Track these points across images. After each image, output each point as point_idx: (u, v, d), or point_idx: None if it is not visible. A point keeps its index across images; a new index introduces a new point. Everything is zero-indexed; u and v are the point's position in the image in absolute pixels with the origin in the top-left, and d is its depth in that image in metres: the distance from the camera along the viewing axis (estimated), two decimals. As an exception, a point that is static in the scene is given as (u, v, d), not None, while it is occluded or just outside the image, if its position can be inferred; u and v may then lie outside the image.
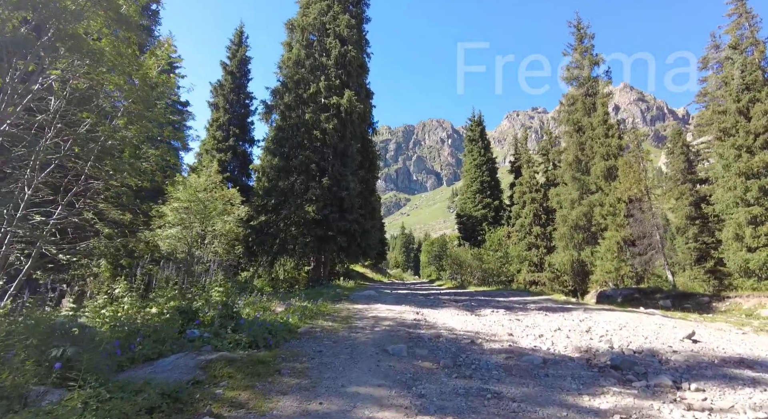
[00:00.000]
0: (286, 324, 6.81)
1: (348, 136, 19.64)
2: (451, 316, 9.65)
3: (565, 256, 30.61)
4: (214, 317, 6.00)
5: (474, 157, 47.08)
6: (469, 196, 45.80)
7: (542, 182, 40.54)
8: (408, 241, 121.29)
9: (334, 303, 11.19)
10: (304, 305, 9.26)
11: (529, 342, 6.95)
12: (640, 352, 6.28)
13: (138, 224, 9.78)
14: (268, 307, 8.85)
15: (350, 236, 18.35)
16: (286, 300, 10.09)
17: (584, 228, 30.09)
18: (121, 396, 3.08)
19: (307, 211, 17.63)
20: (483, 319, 9.49)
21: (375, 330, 7.37)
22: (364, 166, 22.39)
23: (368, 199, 22.03)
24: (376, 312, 9.73)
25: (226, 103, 32.66)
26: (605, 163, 28.51)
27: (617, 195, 27.06)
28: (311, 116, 19.02)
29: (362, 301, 12.11)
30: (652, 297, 21.48)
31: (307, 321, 7.87)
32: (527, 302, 15.33)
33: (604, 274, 26.89)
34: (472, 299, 15.95)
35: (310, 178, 18.31)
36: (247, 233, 19.22)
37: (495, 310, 11.37)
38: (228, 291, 8.90)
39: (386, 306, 11.17)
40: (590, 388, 4.42)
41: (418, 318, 8.95)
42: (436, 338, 6.79)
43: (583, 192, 30.50)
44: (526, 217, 38.00)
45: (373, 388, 4.15)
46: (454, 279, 36.18)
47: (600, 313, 12.05)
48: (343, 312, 9.62)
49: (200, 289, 8.69)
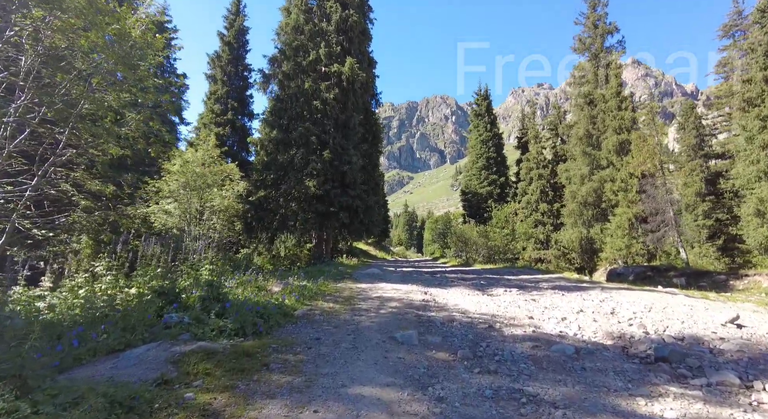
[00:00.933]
0: (281, 307, 6.07)
1: (350, 107, 18.60)
2: (462, 296, 8.93)
3: (573, 233, 29.88)
4: (197, 299, 5.25)
5: (480, 133, 45.82)
6: (475, 173, 44.76)
7: (550, 158, 39.52)
8: (411, 219, 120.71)
9: (336, 281, 10.47)
10: (302, 284, 8.53)
11: (553, 326, 6.21)
12: (681, 339, 5.53)
13: (122, 197, 9.01)
14: (264, 287, 8.12)
15: (352, 212, 17.54)
16: (285, 278, 9.36)
17: (594, 205, 29.27)
18: (48, 410, 2.31)
19: (308, 186, 16.78)
20: (496, 300, 8.76)
21: (380, 312, 6.64)
22: (367, 140, 21.40)
23: (371, 174, 21.12)
24: (381, 292, 9.01)
25: (224, 75, 31.49)
26: (617, 136, 27.44)
27: (629, 170, 26.09)
28: (311, 85, 17.95)
29: (366, 280, 11.39)
30: (665, 275, 20.77)
31: (305, 302, 7.14)
32: (539, 280, 14.61)
33: (614, 252, 26.18)
34: (481, 277, 15.24)
35: (310, 152, 17.39)
36: (246, 209, 18.47)
37: (507, 290, 10.64)
38: (220, 270, 8.17)
39: (392, 285, 10.45)
40: (641, 387, 3.66)
41: (426, 299, 8.21)
42: (450, 322, 6.05)
43: (593, 167, 29.54)
44: (533, 194, 37.14)
45: (381, 389, 3.40)
46: (459, 256, 35.56)
47: (619, 292, 11.32)
48: (345, 292, 8.89)
49: (189, 267, 7.96)
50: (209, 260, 8.38)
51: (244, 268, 9.00)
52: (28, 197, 8.07)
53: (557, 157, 39.35)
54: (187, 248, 9.69)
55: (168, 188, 20.19)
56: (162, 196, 19.99)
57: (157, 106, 8.11)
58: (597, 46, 31.33)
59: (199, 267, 8.22)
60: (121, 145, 8.01)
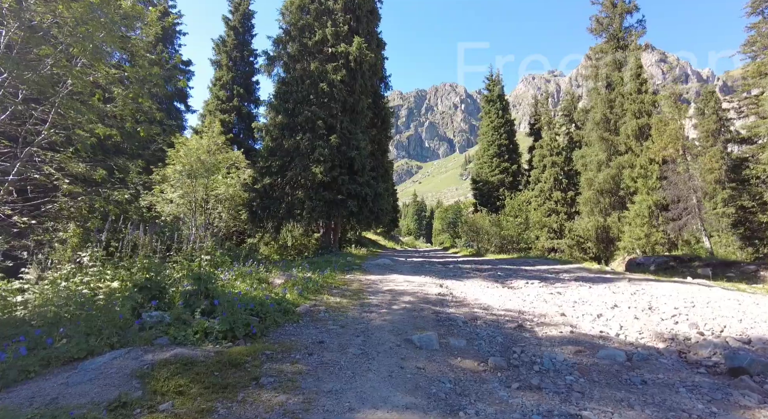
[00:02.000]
0: (280, 302, 5.35)
1: (358, 90, 17.71)
2: (481, 290, 8.16)
3: (589, 222, 28.90)
4: (180, 295, 4.53)
5: (491, 119, 44.59)
6: (486, 160, 43.64)
7: (564, 145, 38.38)
8: (420, 209, 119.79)
9: (344, 273, 9.75)
10: (307, 276, 7.81)
11: (590, 325, 5.42)
12: (748, 342, 4.70)
13: (113, 182, 8.32)
14: (265, 279, 7.42)
15: (361, 200, 16.76)
16: (289, 270, 8.67)
17: (611, 192, 28.25)
18: None
19: (314, 173, 16.02)
20: (519, 293, 7.98)
21: (393, 308, 5.90)
22: (376, 125, 20.51)
23: (380, 160, 20.28)
24: (393, 285, 8.27)
25: (230, 61, 30.79)
26: (637, 121, 26.30)
27: (649, 156, 24.98)
28: (317, 67, 17.07)
29: (376, 271, 10.66)
30: (689, 265, 19.77)
31: (309, 296, 6.42)
32: (558, 271, 13.78)
33: (633, 241, 25.20)
34: (496, 268, 14.45)
35: (316, 137, 16.58)
36: (252, 197, 17.83)
37: (528, 282, 9.85)
38: (218, 260, 7.49)
39: (404, 276, 9.71)
40: (730, 412, 2.88)
41: (443, 293, 7.46)
42: (473, 321, 5.28)
43: (611, 153, 28.44)
44: (546, 182, 36.11)
45: (399, 413, 2.66)
46: (470, 246, 34.74)
47: (649, 284, 10.48)
48: (353, 284, 8.17)
49: (185, 258, 7.28)
50: (207, 250, 7.70)
51: (244, 259, 8.30)
52: (11, 182, 7.42)
53: (572, 143, 38.22)
54: (185, 236, 9.02)
55: (174, 176, 19.63)
56: (169, 184, 19.41)
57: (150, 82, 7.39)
58: (615, 26, 29.99)
59: (195, 257, 7.55)
60: (108, 125, 7.30)
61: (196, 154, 19.07)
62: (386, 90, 21.76)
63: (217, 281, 4.79)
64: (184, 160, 18.69)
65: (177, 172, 18.82)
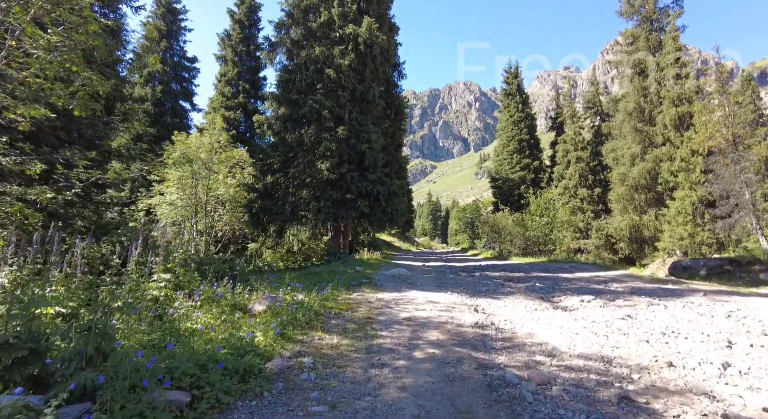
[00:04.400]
0: (243, 353, 3.47)
1: (368, 77, 15.79)
2: (529, 314, 6.16)
3: (623, 221, 26.59)
4: (57, 360, 2.66)
5: (511, 113, 42.32)
6: (506, 157, 41.38)
7: (589, 139, 36.07)
8: (435, 209, 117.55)
9: (350, 290, 7.80)
10: (299, 299, 5.93)
11: (730, 389, 3.39)
12: None
13: (57, 179, 6.58)
14: (242, 304, 5.55)
15: (373, 199, 14.82)
16: (283, 287, 6.80)
17: (647, 188, 25.89)
18: None
19: (320, 169, 14.16)
20: (580, 319, 5.96)
21: (415, 357, 3.96)
22: (389, 116, 18.54)
23: (394, 156, 18.30)
24: (413, 308, 6.32)
25: (235, 56, 29.36)
26: (676, 109, 23.92)
27: (692, 147, 22.57)
28: (322, 51, 15.20)
29: (390, 286, 8.69)
30: (748, 269, 17.29)
31: (295, 335, 4.52)
32: (605, 280, 11.66)
33: (675, 241, 22.80)
34: (529, 276, 12.39)
35: (322, 129, 14.72)
36: (253, 198, 16.09)
37: (581, 298, 7.80)
38: (177, 281, 5.66)
39: (425, 293, 7.73)
40: None
41: (481, 322, 5.47)
42: (543, 387, 3.30)
43: (646, 145, 26.07)
44: (571, 178, 33.88)
45: None
46: (491, 248, 32.55)
47: (732, 298, 8.35)
48: (360, 308, 6.23)
49: (135, 277, 5.46)
50: (168, 265, 5.87)
51: (218, 276, 6.45)
52: None
53: (598, 137, 35.84)
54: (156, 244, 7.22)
55: (171, 177, 18.08)
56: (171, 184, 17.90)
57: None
58: (649, 7, 27.56)
59: (155, 272, 5.73)
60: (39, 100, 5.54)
61: (196, 152, 17.51)
62: (400, 78, 19.79)
63: (113, 337, 2.87)
64: (183, 159, 17.12)
65: (174, 172, 17.28)
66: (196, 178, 17.42)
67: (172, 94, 30.25)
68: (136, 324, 4.05)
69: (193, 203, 17.54)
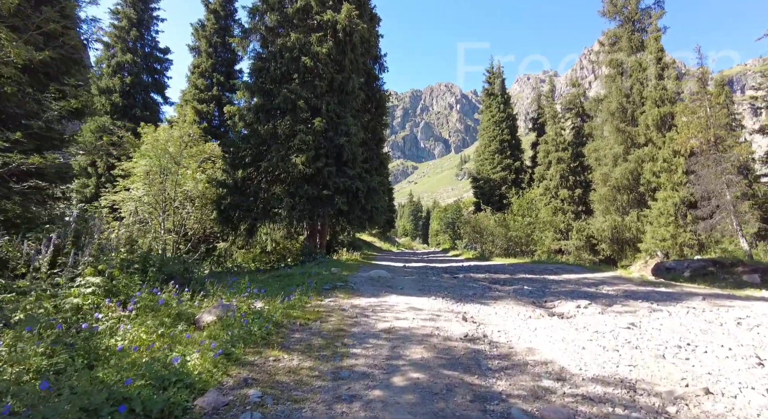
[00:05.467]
0: (163, 382, 2.59)
1: (347, 66, 14.91)
2: (525, 323, 5.41)
3: (605, 222, 26.38)
4: None
5: (492, 114, 42.03)
6: (487, 157, 41.04)
7: (570, 140, 36.04)
8: (416, 209, 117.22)
9: (321, 295, 6.90)
10: (258, 308, 5.03)
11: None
12: None
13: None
14: (188, 314, 4.63)
15: (351, 196, 13.93)
16: (240, 291, 5.89)
17: (629, 189, 25.74)
18: None
19: (295, 163, 13.20)
20: (582, 328, 5.24)
21: (393, 383, 3.14)
22: (369, 110, 17.68)
23: (375, 151, 17.42)
24: (392, 317, 5.48)
25: (209, 47, 28.05)
26: (659, 109, 23.81)
27: (674, 147, 22.46)
28: (298, 38, 14.25)
29: (367, 289, 7.83)
30: (732, 270, 17.06)
31: (245, 355, 3.63)
32: (596, 282, 11.08)
33: (657, 243, 22.62)
34: (517, 279, 11.72)
35: (297, 120, 13.77)
36: (222, 193, 15.04)
37: (577, 303, 7.11)
38: (109, 285, 4.71)
39: (406, 299, 6.90)
40: None
41: (472, 334, 4.68)
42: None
43: (628, 145, 25.93)
44: (552, 179, 33.77)
45: None
46: (473, 248, 32.01)
47: (734, 303, 7.80)
48: (331, 317, 5.36)
49: (48, 284, 4.50)
50: (98, 266, 4.90)
51: (166, 279, 5.49)
52: None
53: (578, 137, 35.81)
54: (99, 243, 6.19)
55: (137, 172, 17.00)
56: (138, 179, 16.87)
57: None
58: (631, 7, 27.50)
59: (83, 275, 4.75)
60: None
61: (164, 146, 16.40)
62: (382, 71, 18.94)
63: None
64: (151, 153, 16.01)
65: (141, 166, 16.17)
66: (165, 173, 16.30)
67: (143, 85, 28.79)
68: (34, 344, 3.11)
69: (160, 199, 16.41)
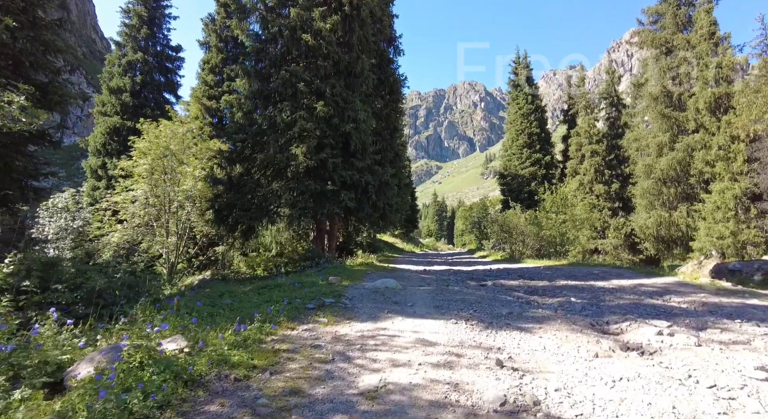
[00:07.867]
0: None
1: (356, 45, 13.10)
2: (589, 364, 3.45)
3: (649, 218, 23.73)
4: None
5: (520, 106, 39.54)
6: (515, 152, 38.60)
7: (603, 131, 33.42)
8: (440, 209, 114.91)
9: (302, 315, 5.07)
10: (171, 350, 3.24)
11: None
12: None
13: None
14: (62, 362, 2.88)
15: (361, 191, 12.08)
16: (156, 320, 4.13)
17: (677, 181, 23.03)
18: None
19: (295, 154, 11.47)
20: (683, 376, 3.26)
21: None
22: (382, 96, 15.82)
23: (389, 142, 15.51)
24: (387, 361, 3.58)
25: (219, 41, 26.96)
26: (712, 90, 21.04)
27: (732, 132, 19.71)
28: (299, 13, 12.54)
29: (365, 307, 5.91)
30: (815, 274, 14.49)
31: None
32: (657, 292, 8.83)
33: (713, 241, 19.88)
34: (557, 286, 9.63)
35: (298, 106, 12.04)
36: (219, 191, 13.53)
37: (653, 327, 5.04)
38: None
39: (415, 322, 4.98)
40: None
41: (515, 399, 2.75)
42: None
43: (675, 133, 23.22)
44: (585, 174, 31.15)
45: None
46: (501, 249, 29.73)
47: None
48: (293, 361, 3.46)
49: None
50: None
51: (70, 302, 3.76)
52: None
53: (613, 128, 33.09)
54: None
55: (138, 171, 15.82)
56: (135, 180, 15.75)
57: None
58: (678, -21, 24.79)
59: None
60: None
61: (165, 143, 15.09)
62: (397, 54, 17.05)
63: None
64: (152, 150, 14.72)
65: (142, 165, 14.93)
66: (167, 172, 15.03)
67: (155, 84, 28.02)
68: None
69: (160, 200, 15.11)
